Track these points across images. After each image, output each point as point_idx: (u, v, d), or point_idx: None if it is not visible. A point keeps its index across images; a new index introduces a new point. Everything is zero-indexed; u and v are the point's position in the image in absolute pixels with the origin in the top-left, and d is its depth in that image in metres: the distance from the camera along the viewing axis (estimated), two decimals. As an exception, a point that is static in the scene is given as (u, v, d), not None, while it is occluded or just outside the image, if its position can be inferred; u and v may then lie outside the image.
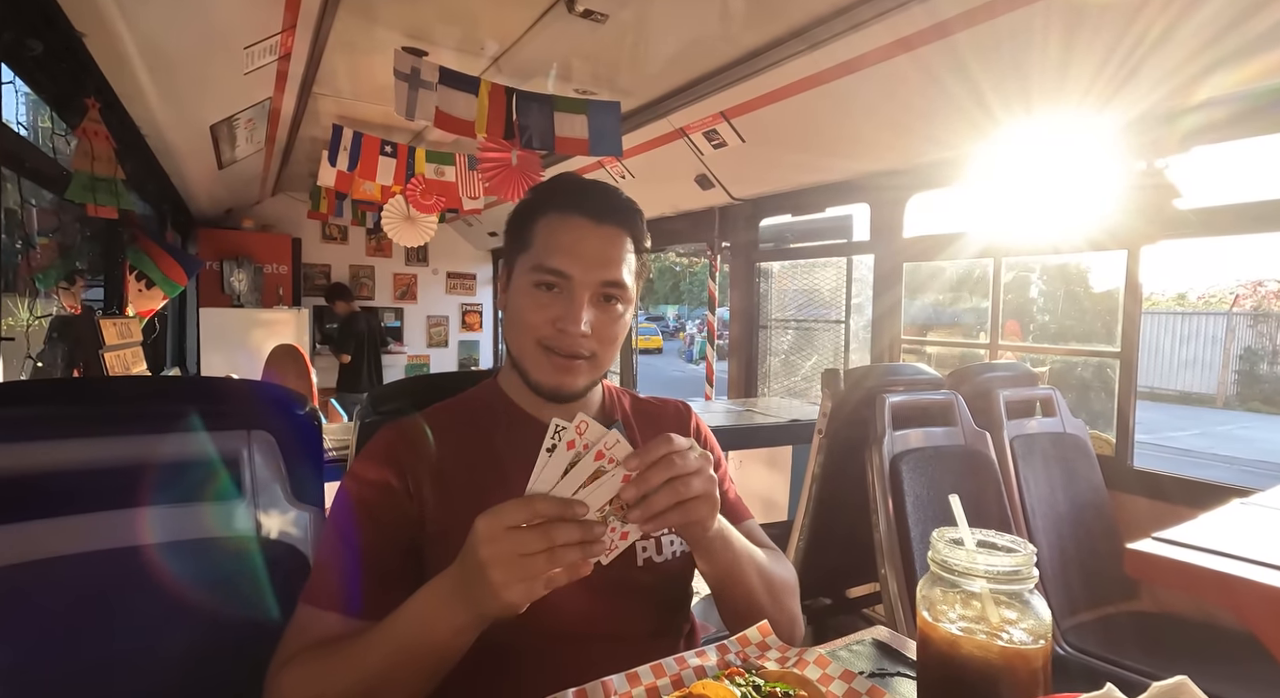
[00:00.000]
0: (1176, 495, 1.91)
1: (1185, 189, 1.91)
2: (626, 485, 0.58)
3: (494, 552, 0.55)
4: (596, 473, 0.57)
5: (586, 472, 0.57)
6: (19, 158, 1.93)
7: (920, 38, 1.87)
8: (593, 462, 0.57)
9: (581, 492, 0.57)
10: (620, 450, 0.58)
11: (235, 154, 3.46)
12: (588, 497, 0.57)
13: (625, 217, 0.81)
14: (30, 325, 2.38)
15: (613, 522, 0.58)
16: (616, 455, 0.58)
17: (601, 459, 0.57)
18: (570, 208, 0.79)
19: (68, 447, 0.72)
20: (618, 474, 0.58)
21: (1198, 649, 1.59)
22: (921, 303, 11.34)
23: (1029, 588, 0.51)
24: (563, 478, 0.57)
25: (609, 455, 0.57)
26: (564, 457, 0.56)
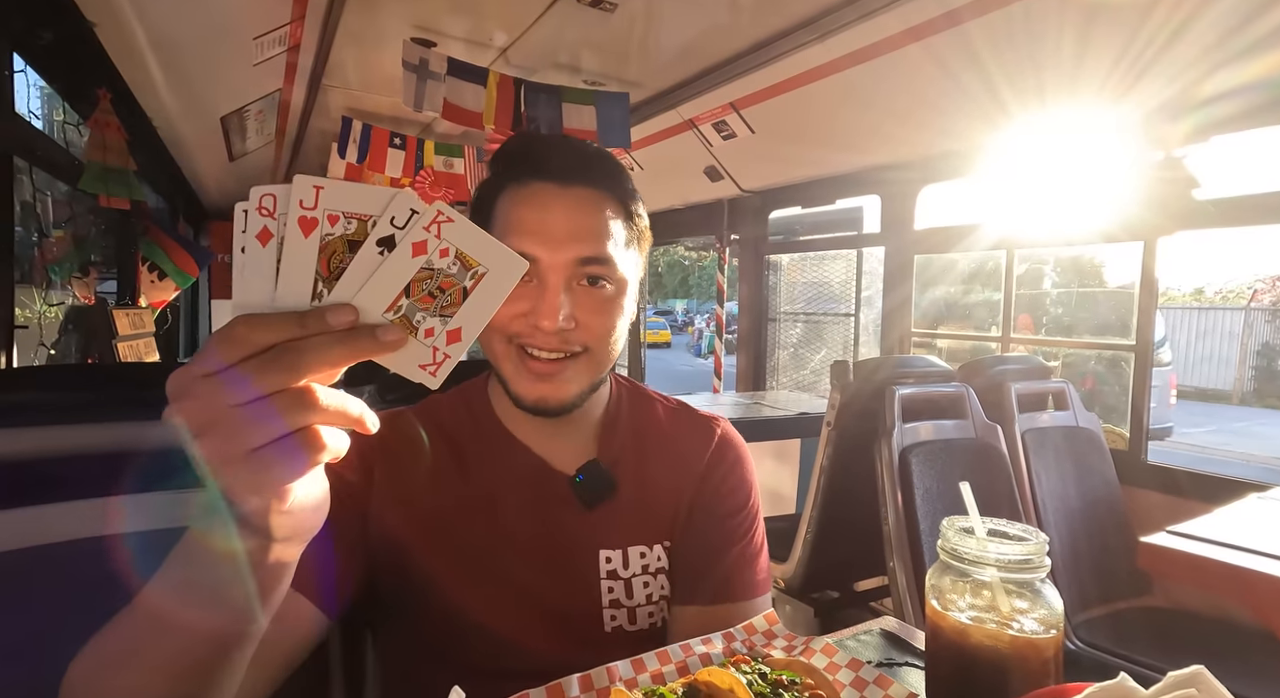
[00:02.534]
0: (1191, 490, 1.89)
1: (1203, 179, 1.87)
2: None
3: (177, 410, 0.33)
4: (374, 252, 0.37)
5: (369, 261, 0.36)
6: (33, 148, 1.95)
7: (931, 27, 1.84)
8: (373, 244, 0.37)
9: (350, 288, 0.36)
10: (401, 208, 0.37)
11: (246, 146, 3.48)
12: (365, 292, 0.37)
13: (599, 173, 0.65)
14: (45, 315, 2.41)
15: (423, 318, 0.38)
16: (376, 212, 0.37)
17: (362, 224, 0.37)
18: (528, 173, 0.63)
19: (82, 432, 0.73)
20: (407, 244, 0.37)
21: (1211, 645, 1.57)
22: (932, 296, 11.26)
23: (1040, 577, 0.50)
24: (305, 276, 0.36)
25: (371, 216, 0.37)
26: (301, 246, 0.35)
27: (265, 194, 0.35)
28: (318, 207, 0.36)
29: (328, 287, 0.36)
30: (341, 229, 0.36)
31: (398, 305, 0.38)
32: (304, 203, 0.35)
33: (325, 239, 0.36)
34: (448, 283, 0.38)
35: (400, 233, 0.37)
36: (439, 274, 0.38)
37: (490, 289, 0.39)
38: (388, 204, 0.36)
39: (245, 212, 0.35)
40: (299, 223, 0.35)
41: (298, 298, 0.36)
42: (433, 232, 0.37)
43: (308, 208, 0.35)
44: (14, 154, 1.70)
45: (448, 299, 0.38)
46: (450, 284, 0.38)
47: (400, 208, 0.36)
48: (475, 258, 0.38)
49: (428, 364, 0.39)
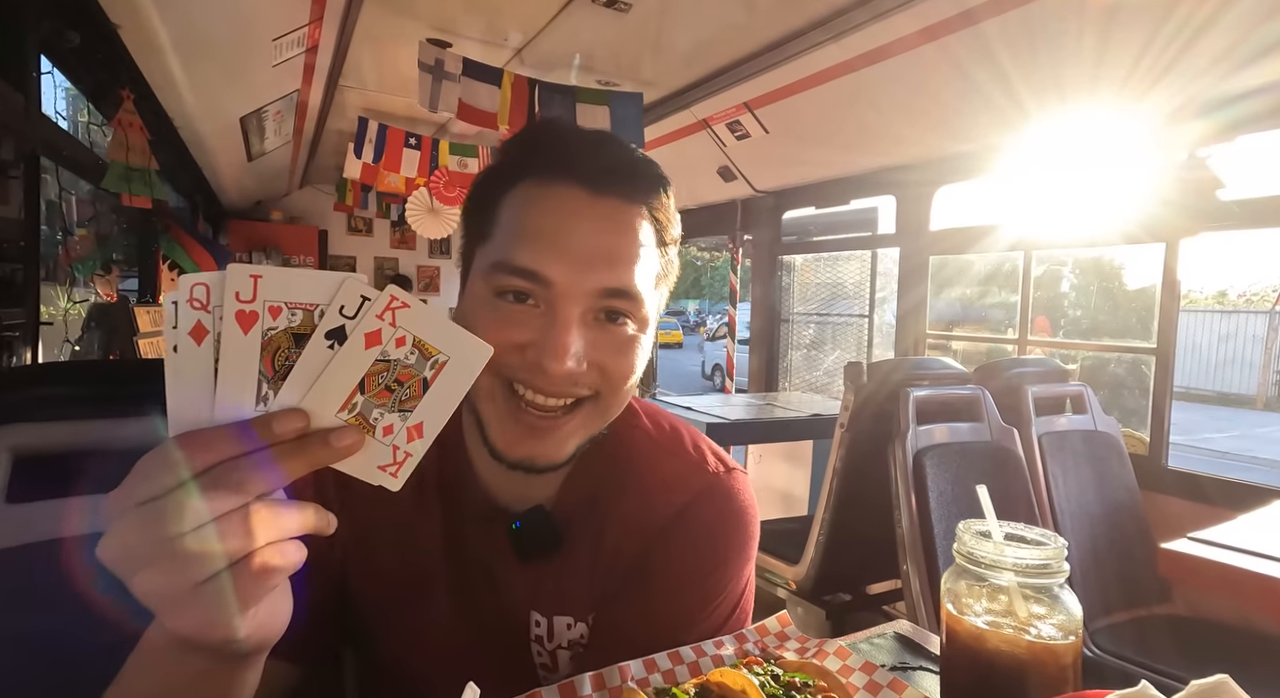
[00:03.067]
0: (1213, 496, 1.85)
1: (1228, 179, 1.84)
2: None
3: (107, 546, 0.30)
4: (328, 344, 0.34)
5: (318, 357, 0.34)
6: (58, 148, 1.98)
7: (946, 27, 1.82)
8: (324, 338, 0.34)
9: (298, 388, 0.34)
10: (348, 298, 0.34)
11: (264, 146, 3.52)
12: (315, 391, 0.34)
13: (640, 183, 0.52)
14: (68, 312, 2.45)
15: (380, 415, 0.35)
16: (323, 301, 0.34)
17: (308, 315, 0.34)
18: (556, 171, 0.51)
19: (101, 427, 0.74)
20: (359, 335, 0.34)
21: (1234, 654, 1.54)
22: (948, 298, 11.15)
23: (1059, 583, 0.50)
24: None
25: (317, 305, 0.34)
26: (240, 344, 0.33)
27: (197, 284, 0.31)
28: (256, 298, 0.32)
29: (273, 388, 0.33)
30: (285, 322, 0.33)
31: (351, 403, 0.34)
32: (240, 295, 0.31)
33: (268, 335, 0.32)
34: (405, 375, 0.35)
35: (351, 323, 0.33)
36: (395, 366, 0.35)
37: (453, 379, 0.36)
38: (335, 292, 0.33)
39: (175, 303, 0.31)
40: (236, 318, 0.32)
41: (239, 403, 0.32)
42: (387, 319, 0.34)
43: (245, 300, 0.32)
44: (41, 154, 1.74)
45: (406, 392, 0.35)
46: (408, 376, 0.35)
47: (350, 295, 0.33)
48: (435, 345, 0.35)
49: (388, 465, 0.36)
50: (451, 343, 0.35)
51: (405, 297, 0.34)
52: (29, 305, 1.66)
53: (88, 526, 0.70)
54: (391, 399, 0.35)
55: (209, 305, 0.32)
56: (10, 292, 1.60)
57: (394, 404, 0.35)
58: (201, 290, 0.31)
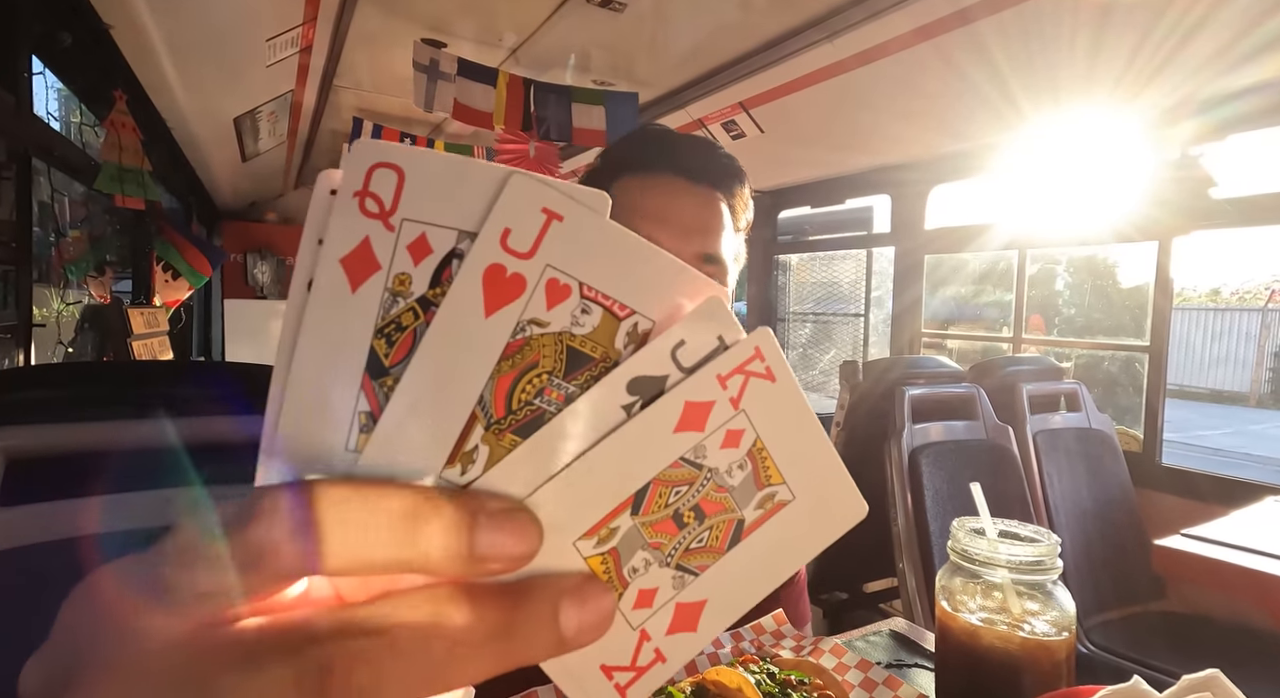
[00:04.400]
0: (1206, 493, 1.87)
1: (1220, 178, 1.85)
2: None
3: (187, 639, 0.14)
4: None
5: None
6: (51, 149, 1.97)
7: (941, 26, 1.83)
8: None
9: (536, 461, 0.17)
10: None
11: (258, 147, 3.51)
12: (561, 483, 0.17)
13: (727, 180, 0.64)
14: (61, 314, 2.44)
15: (644, 565, 0.18)
16: (649, 312, 0.18)
17: (611, 323, 0.17)
18: (659, 165, 0.62)
19: (95, 428, 0.74)
20: (677, 402, 0.17)
21: (1228, 650, 1.55)
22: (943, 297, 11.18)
23: (1052, 579, 0.50)
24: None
25: (635, 313, 0.17)
26: (468, 332, 0.16)
27: (380, 166, 0.16)
28: (535, 253, 0.16)
29: (492, 446, 0.17)
30: (566, 318, 0.17)
31: (609, 528, 0.18)
32: (511, 237, 0.16)
33: (526, 332, 0.17)
34: (715, 504, 0.18)
35: (676, 378, 0.17)
36: (705, 480, 0.18)
37: (785, 538, 0.19)
38: (685, 311, 0.18)
39: (332, 193, 0.16)
40: (484, 278, 0.16)
41: (421, 455, 0.16)
42: (731, 389, 0.18)
43: (516, 251, 0.16)
44: (33, 155, 1.73)
45: (703, 537, 0.19)
46: (718, 507, 0.18)
47: (706, 325, 0.17)
48: (782, 467, 0.19)
49: (620, 667, 0.18)
50: (811, 474, 0.19)
51: (774, 354, 0.18)
52: (21, 307, 1.65)
53: (82, 528, 0.70)
54: (675, 541, 0.18)
55: (390, 213, 0.16)
56: (2, 293, 1.59)
57: (674, 552, 0.18)
58: (390, 180, 0.16)
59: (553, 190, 0.16)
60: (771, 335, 0.18)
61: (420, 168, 0.16)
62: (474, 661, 0.15)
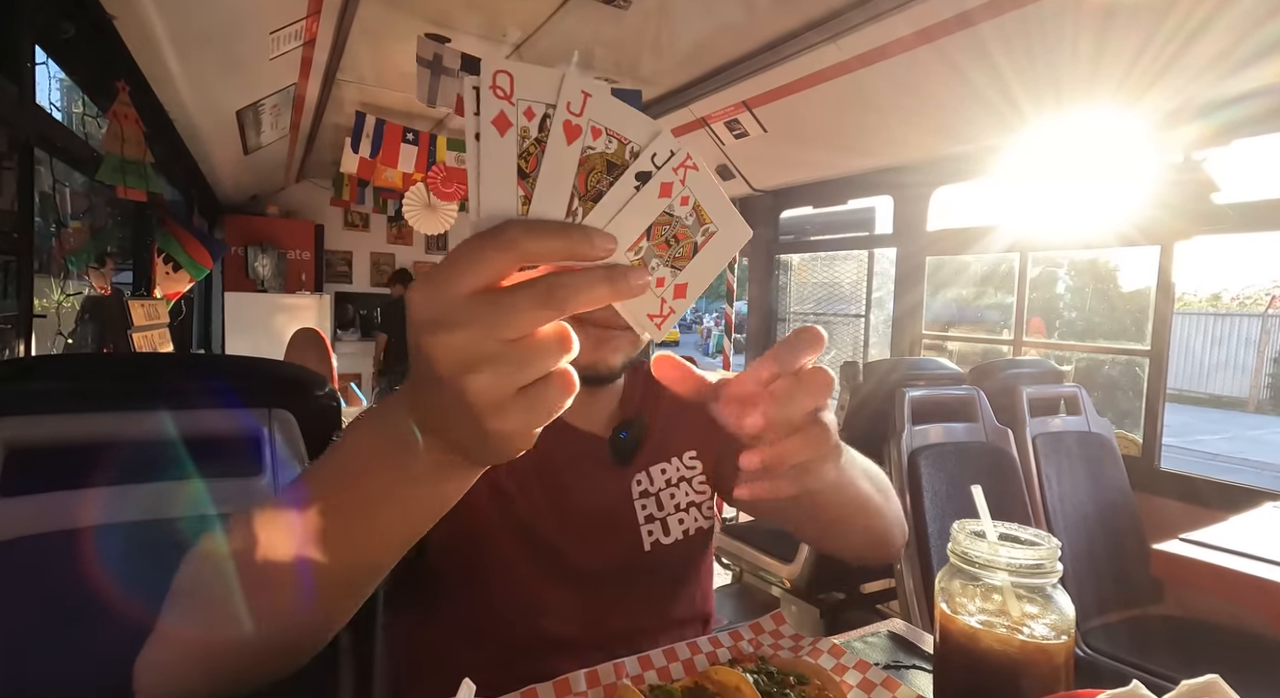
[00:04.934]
0: (1205, 498, 1.87)
1: (1223, 183, 1.85)
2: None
3: (447, 342, 0.30)
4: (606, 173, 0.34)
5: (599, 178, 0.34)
6: (53, 139, 1.97)
7: (942, 28, 1.83)
8: (606, 154, 0.33)
9: (603, 215, 0.34)
10: (639, 132, 0.34)
11: (260, 140, 3.51)
12: (615, 224, 0.34)
13: None
14: (62, 305, 2.44)
15: (657, 266, 0.36)
16: (638, 141, 0.34)
17: (621, 147, 0.34)
18: None
19: (95, 420, 0.74)
20: (656, 184, 0.34)
21: (1226, 655, 1.55)
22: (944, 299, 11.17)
23: (1052, 583, 0.50)
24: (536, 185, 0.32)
25: (630, 141, 0.34)
26: (562, 154, 0.32)
27: (500, 72, 0.30)
28: (584, 114, 0.32)
29: (584, 207, 0.33)
30: (603, 146, 0.33)
31: (639, 246, 0.35)
32: (571, 106, 0.31)
33: (586, 152, 0.32)
34: (682, 233, 0.35)
35: (656, 172, 0.34)
36: (676, 223, 0.35)
37: (717, 250, 0.36)
38: (652, 139, 0.34)
39: (476, 89, 0.30)
40: (564, 128, 0.31)
41: (553, 211, 0.32)
42: (679, 175, 0.34)
43: (574, 113, 0.31)
44: (35, 145, 1.72)
45: (680, 251, 0.36)
46: (684, 235, 0.35)
47: (662, 145, 0.34)
48: (710, 214, 0.35)
49: (655, 315, 0.36)
50: (723, 216, 0.36)
51: (695, 159, 0.34)
52: (22, 298, 1.65)
53: (82, 519, 0.70)
54: (668, 254, 0.35)
55: (512, 97, 0.30)
56: (3, 284, 1.59)
57: (669, 259, 0.35)
58: (505, 80, 0.30)
59: (588, 81, 0.31)
60: (693, 151, 0.35)
61: (519, 72, 0.31)
62: (596, 290, 0.31)
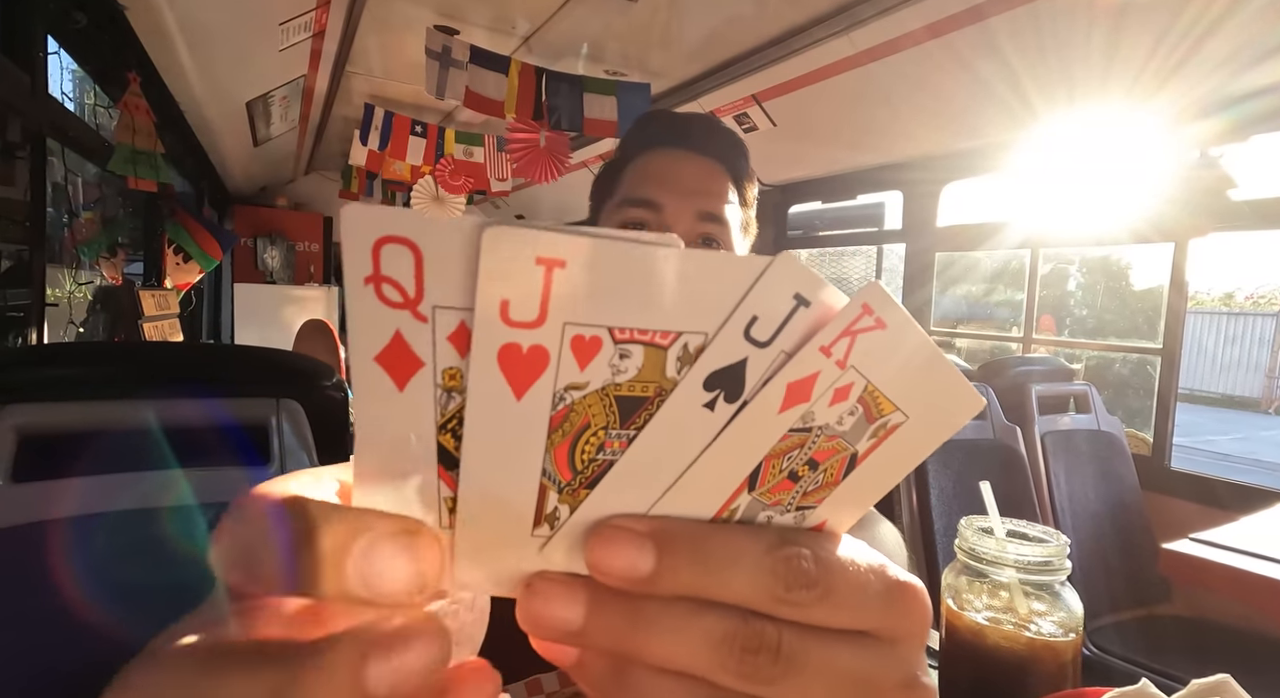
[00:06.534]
0: (1215, 498, 1.85)
1: (1241, 179, 1.82)
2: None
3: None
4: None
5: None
6: (65, 130, 1.98)
7: (952, 23, 1.81)
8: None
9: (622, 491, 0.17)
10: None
11: (270, 131, 3.52)
12: (678, 495, 0.17)
13: (726, 149, 0.69)
14: (74, 294, 2.46)
15: (768, 520, 0.19)
16: (764, 312, 0.16)
17: (655, 356, 0.16)
18: (665, 141, 0.68)
19: (106, 408, 0.74)
20: (779, 387, 0.16)
21: (1234, 656, 1.54)
22: (954, 295, 11.11)
23: (1060, 580, 0.49)
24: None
25: (757, 322, 0.16)
26: (510, 413, 0.15)
27: (388, 242, 0.14)
28: (546, 319, 0.15)
29: (568, 500, 0.17)
30: (605, 372, 0.16)
31: (729, 509, 0.18)
32: (513, 309, 0.14)
33: (565, 399, 0.16)
34: (827, 451, 0.18)
35: (759, 354, 0.16)
36: (818, 437, 0.18)
37: (899, 450, 0.19)
38: (742, 294, 0.16)
39: (358, 270, 0.14)
40: (501, 359, 0.15)
41: (507, 526, 0.17)
42: (837, 352, 0.16)
43: (525, 323, 0.15)
44: (47, 135, 1.73)
45: (818, 479, 0.19)
46: (830, 452, 0.18)
47: (774, 294, 0.16)
48: (894, 398, 0.18)
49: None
50: (923, 392, 0.18)
51: (886, 305, 0.16)
52: (35, 287, 1.67)
53: (92, 506, 0.71)
54: (792, 494, 0.19)
55: (418, 299, 0.14)
56: (16, 273, 1.60)
57: (792, 501, 0.19)
58: (406, 261, 0.14)
59: (542, 234, 0.14)
60: (881, 289, 0.16)
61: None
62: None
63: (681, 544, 0.16)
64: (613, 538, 0.16)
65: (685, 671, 0.16)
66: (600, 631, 0.16)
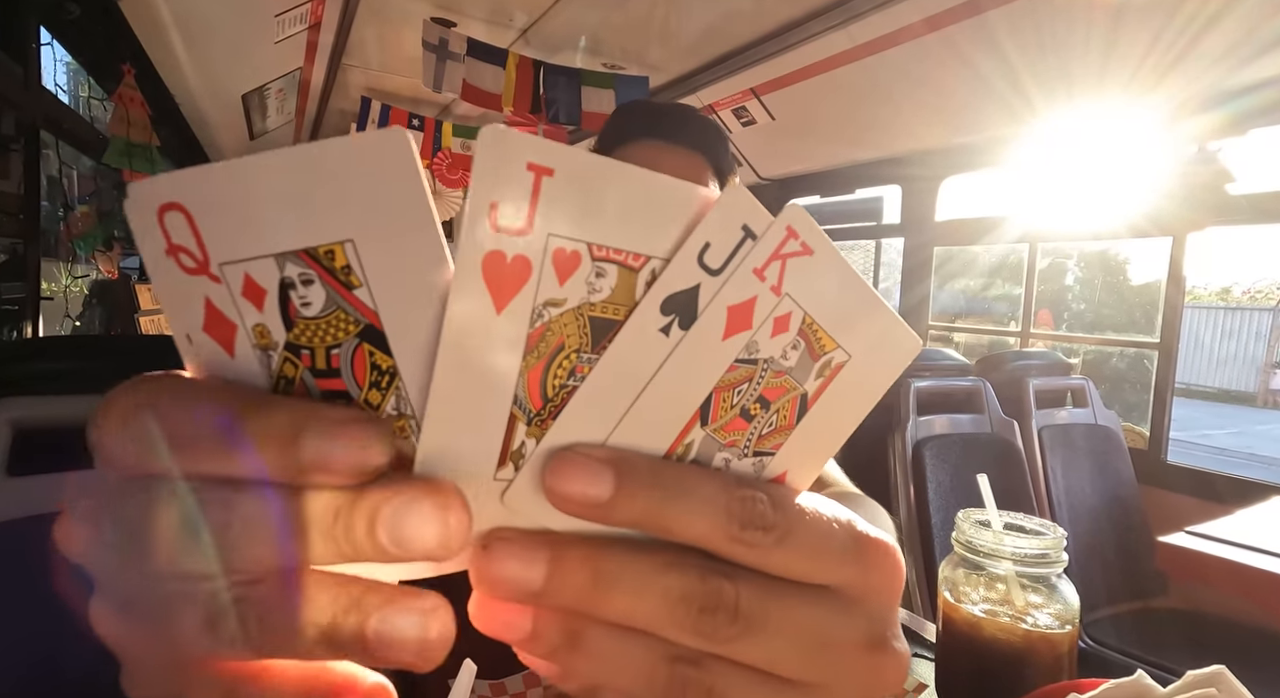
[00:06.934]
0: (1211, 492, 1.86)
1: (1239, 173, 1.82)
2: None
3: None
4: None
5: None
6: (59, 122, 1.97)
7: (950, 17, 1.80)
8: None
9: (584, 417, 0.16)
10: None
11: (266, 125, 3.50)
12: (631, 426, 0.17)
13: (704, 138, 0.67)
14: (69, 288, 2.45)
15: (725, 464, 0.18)
16: (658, 242, 0.16)
17: (626, 276, 0.16)
18: (639, 133, 0.66)
19: (101, 401, 0.74)
20: (720, 309, 0.16)
21: (1230, 648, 1.55)
22: (951, 290, 11.12)
23: (1057, 572, 0.50)
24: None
25: (643, 253, 0.16)
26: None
27: (171, 209, 0.14)
28: (530, 227, 0.14)
29: (534, 432, 0.16)
30: (580, 292, 0.15)
31: (683, 444, 0.17)
32: (500, 216, 0.14)
33: (540, 319, 0.15)
34: (776, 389, 0.18)
35: (711, 282, 0.16)
36: (765, 370, 0.18)
37: (848, 395, 0.19)
38: (689, 222, 0.16)
39: (155, 245, 0.14)
40: (485, 269, 0.14)
41: (472, 462, 0.16)
42: (770, 277, 0.16)
43: (511, 227, 0.14)
44: (41, 128, 1.72)
45: (771, 421, 0.18)
46: (780, 390, 0.18)
47: (725, 224, 0.16)
48: (834, 333, 0.18)
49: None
50: (862, 329, 0.18)
51: (808, 229, 0.16)
52: (30, 280, 1.66)
53: (88, 500, 0.71)
54: (747, 434, 0.18)
55: (205, 261, 0.14)
56: (11, 266, 1.60)
57: (749, 443, 0.18)
58: (182, 223, 0.14)
59: (534, 139, 0.14)
60: (801, 209, 0.16)
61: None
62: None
63: (640, 473, 0.16)
64: (571, 463, 0.16)
65: (644, 628, 0.16)
66: (560, 589, 0.16)
